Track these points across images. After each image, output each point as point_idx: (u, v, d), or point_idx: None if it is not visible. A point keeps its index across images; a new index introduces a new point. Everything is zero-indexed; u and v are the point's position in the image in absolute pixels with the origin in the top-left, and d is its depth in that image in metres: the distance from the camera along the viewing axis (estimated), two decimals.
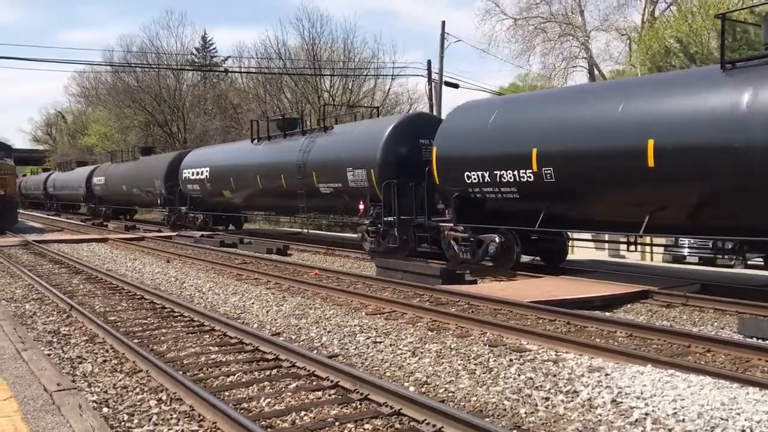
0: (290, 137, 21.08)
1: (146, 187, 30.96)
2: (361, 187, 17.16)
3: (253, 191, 22.80)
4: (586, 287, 11.48)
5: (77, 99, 72.64)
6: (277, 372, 6.84)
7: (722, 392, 5.85)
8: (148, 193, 31.05)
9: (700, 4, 27.29)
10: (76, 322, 9.50)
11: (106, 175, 37.07)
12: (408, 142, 16.65)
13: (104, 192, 37.67)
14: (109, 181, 36.47)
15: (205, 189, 25.76)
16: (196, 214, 27.29)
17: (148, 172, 31.13)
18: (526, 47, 39.35)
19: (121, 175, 34.73)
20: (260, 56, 46.99)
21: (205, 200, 26.51)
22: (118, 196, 35.76)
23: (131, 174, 33.20)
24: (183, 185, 27.30)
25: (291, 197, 20.01)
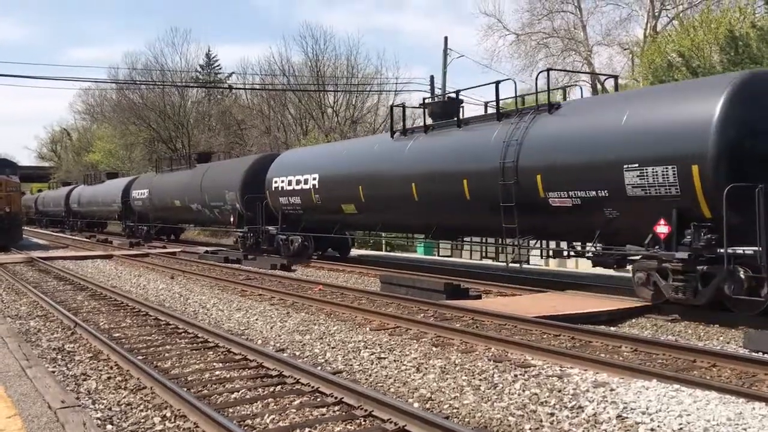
0: (473, 125, 14.99)
1: (213, 202, 25.33)
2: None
3: (402, 204, 16.07)
4: (591, 302, 11.46)
5: (82, 116, 73.26)
6: (281, 388, 6.83)
7: (728, 407, 5.82)
8: (215, 208, 25.42)
9: (702, 18, 27.35)
10: (80, 339, 9.51)
11: (151, 188, 31.87)
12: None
13: (148, 208, 32.49)
14: (154, 195, 31.26)
15: (310, 202, 19.76)
16: (291, 236, 21.01)
17: (213, 183, 25.55)
18: (529, 62, 39.41)
19: (171, 187, 29.62)
20: (264, 73, 47.30)
21: (311, 217, 20.48)
22: (167, 212, 30.80)
23: (186, 185, 27.97)
24: (273, 197, 21.48)
25: (482, 210, 13.88)
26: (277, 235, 21.52)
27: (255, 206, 22.31)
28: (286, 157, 22.75)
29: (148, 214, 33.26)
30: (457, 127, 15.36)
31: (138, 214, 34.16)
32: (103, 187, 41.28)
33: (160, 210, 31.48)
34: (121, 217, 36.59)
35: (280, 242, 21.45)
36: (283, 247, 21.27)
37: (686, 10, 33.78)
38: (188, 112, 51.44)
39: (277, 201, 21.23)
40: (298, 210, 20.60)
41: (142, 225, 34.18)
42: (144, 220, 33.93)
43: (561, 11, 38.69)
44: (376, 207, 17.41)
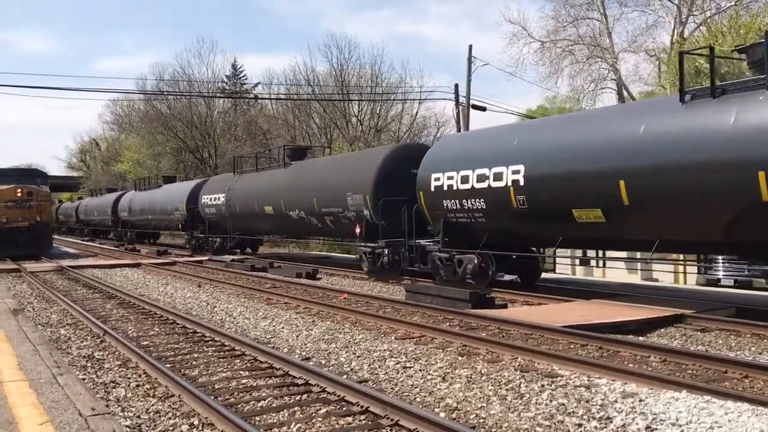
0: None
1: (325, 208, 20.08)
2: None
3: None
4: (619, 311, 11.33)
5: (111, 126, 74.29)
6: (308, 397, 6.85)
7: (761, 419, 5.72)
8: (327, 216, 20.23)
9: (731, 24, 27.06)
10: (109, 347, 9.63)
11: (229, 192, 26.82)
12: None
13: (224, 216, 27.58)
14: (234, 201, 26.41)
15: (504, 207, 13.82)
16: (461, 254, 15.13)
17: (324, 184, 20.49)
18: (554, 69, 39.23)
19: (259, 190, 24.72)
20: (289, 83, 47.63)
21: (500, 226, 14.38)
22: (252, 221, 26.10)
23: (282, 188, 22.81)
24: (430, 201, 15.72)
25: None
26: (436, 253, 15.70)
27: (395, 213, 17.03)
28: (452, 144, 16.88)
29: (223, 224, 28.22)
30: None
31: (209, 223, 29.28)
32: (161, 192, 35.57)
33: (242, 218, 26.33)
34: (185, 227, 31.58)
35: (439, 262, 15.72)
36: (444, 269, 15.58)
37: (714, 15, 33.40)
38: (215, 122, 51.97)
39: (438, 205, 15.39)
40: (476, 218, 14.59)
41: (213, 236, 29.05)
42: (217, 230, 28.89)
43: (586, 18, 38.47)
44: (659, 210, 11.16)
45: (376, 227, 17.99)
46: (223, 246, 28.39)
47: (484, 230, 14.66)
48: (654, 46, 37.25)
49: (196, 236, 30.69)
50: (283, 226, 24.67)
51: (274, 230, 27.05)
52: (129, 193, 41.74)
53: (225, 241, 28.50)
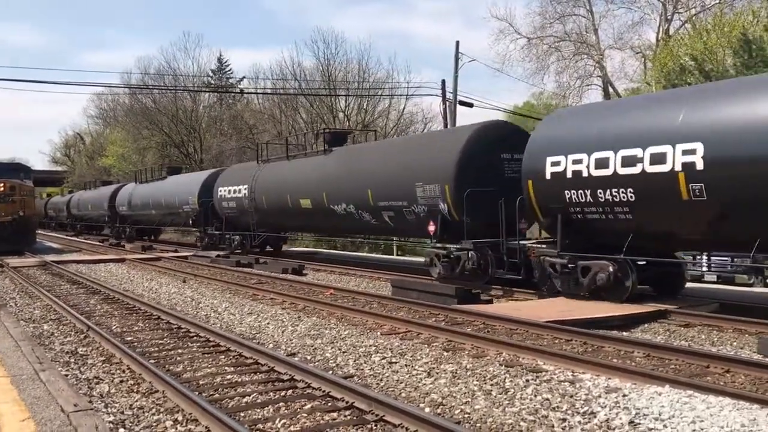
0: None
1: (384, 201, 16.85)
2: None
3: None
4: (603, 307, 11.38)
5: (95, 120, 73.79)
6: (293, 393, 6.84)
7: (742, 414, 5.77)
8: (385, 211, 16.98)
9: (715, 22, 27.24)
10: (93, 343, 9.57)
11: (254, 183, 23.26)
12: None
13: (246, 211, 23.98)
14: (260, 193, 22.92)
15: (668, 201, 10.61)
16: (591, 262, 11.90)
17: (383, 172, 17.14)
18: (541, 66, 39.36)
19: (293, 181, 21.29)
20: (276, 77, 47.49)
21: (663, 227, 11.13)
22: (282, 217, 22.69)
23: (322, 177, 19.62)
24: (544, 189, 12.48)
25: None
26: (550, 258, 12.54)
27: (481, 207, 14.15)
28: (574, 119, 13.15)
29: (244, 220, 24.58)
30: None
31: (226, 218, 25.68)
32: (166, 184, 32.08)
33: (270, 214, 22.84)
34: (196, 223, 28.19)
35: (551, 269, 12.51)
36: (560, 278, 12.38)
37: (699, 13, 33.64)
38: (200, 117, 51.70)
39: (557, 197, 12.21)
40: (615, 213, 11.44)
41: (231, 233, 25.52)
42: (236, 226, 25.43)
43: (573, 15, 38.61)
44: None
45: (457, 225, 14.73)
46: (243, 244, 24.99)
47: (626, 229, 11.35)
48: (640, 43, 37.49)
49: (211, 233, 27.01)
50: (324, 223, 20.82)
51: (312, 227, 23.50)
52: (128, 186, 38.41)
53: (245, 239, 24.91)
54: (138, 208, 34.87)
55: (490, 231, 14.00)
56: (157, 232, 38.55)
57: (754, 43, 19.35)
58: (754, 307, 11.06)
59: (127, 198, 36.44)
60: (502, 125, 16.49)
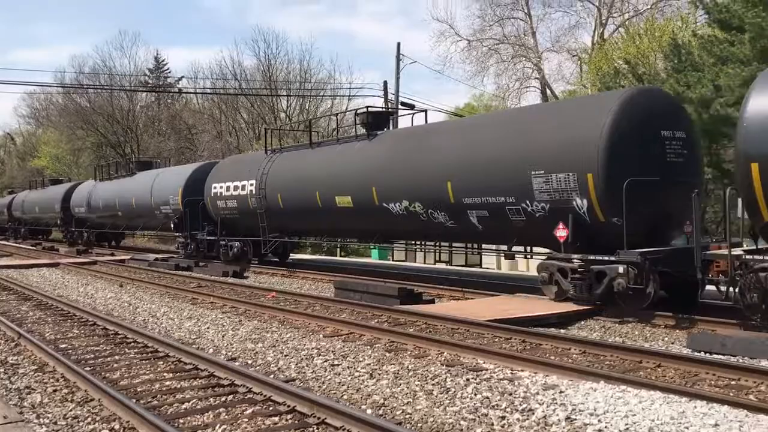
0: None
1: (496, 197, 12.56)
2: None
3: None
4: (542, 305, 11.64)
5: (27, 120, 71.29)
6: (233, 398, 6.76)
7: (671, 407, 5.99)
8: (484, 209, 12.94)
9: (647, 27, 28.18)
10: (24, 351, 9.24)
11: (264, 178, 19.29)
12: None
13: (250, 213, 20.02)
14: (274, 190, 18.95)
15: None
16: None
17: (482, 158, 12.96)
18: (480, 68, 40.03)
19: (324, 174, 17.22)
20: (215, 77, 46.84)
21: None
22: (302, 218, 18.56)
23: (367, 167, 15.85)
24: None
25: None
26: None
27: (641, 201, 10.76)
28: None
29: (248, 223, 20.36)
30: None
31: (221, 221, 21.56)
32: (137, 182, 27.91)
33: (289, 215, 18.75)
34: (179, 227, 23.82)
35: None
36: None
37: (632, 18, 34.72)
38: (137, 117, 50.54)
39: None
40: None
41: (229, 239, 21.39)
42: (235, 231, 21.37)
43: (511, 18, 39.37)
44: None
45: (599, 227, 11.15)
46: (244, 252, 20.95)
47: None
48: (576, 46, 38.50)
49: (201, 239, 22.61)
50: (371, 225, 16.21)
51: (351, 230, 18.45)
52: (86, 184, 34.23)
53: (247, 246, 20.90)
54: (99, 210, 30.82)
55: (647, 236, 10.96)
56: (120, 237, 34.54)
57: (683, 48, 20.05)
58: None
59: (85, 198, 32.16)
60: (657, 93, 12.45)
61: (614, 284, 10.62)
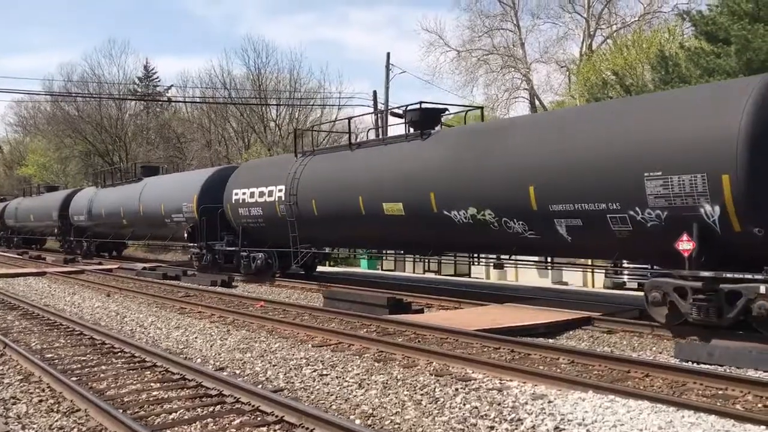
0: None
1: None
2: None
3: None
4: (530, 314, 11.67)
5: (14, 128, 70.82)
6: (221, 408, 6.72)
7: (659, 416, 6.01)
8: (616, 217, 10.75)
9: (634, 38, 28.40)
10: (10, 361, 9.16)
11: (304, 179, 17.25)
12: None
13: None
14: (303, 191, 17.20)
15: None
16: None
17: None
18: (470, 78, 40.22)
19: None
20: (205, 86, 46.77)
21: None
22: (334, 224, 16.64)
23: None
24: None
25: None
26: None
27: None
28: None
29: (276, 232, 18.45)
30: None
31: (244, 230, 19.76)
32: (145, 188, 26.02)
33: (325, 224, 16.82)
34: (193, 237, 22.03)
35: None
36: None
37: (620, 29, 35.04)
38: (126, 125, 50.34)
39: None
40: None
41: (252, 250, 19.58)
42: (259, 241, 19.54)
43: (500, 29, 39.62)
44: None
45: (734, 239, 9.52)
46: (269, 264, 19.25)
47: None
48: (564, 57, 38.78)
49: (220, 249, 20.84)
50: (427, 235, 14.33)
51: (398, 241, 16.49)
52: (86, 191, 32.67)
53: (271, 258, 19.15)
54: (102, 219, 29.05)
55: None
56: (122, 247, 32.74)
57: (670, 60, 20.25)
58: None
59: (86, 206, 30.37)
60: None
61: (753, 307, 9.02)
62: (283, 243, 18.19)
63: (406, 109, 15.77)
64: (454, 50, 40.47)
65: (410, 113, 15.44)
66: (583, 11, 37.18)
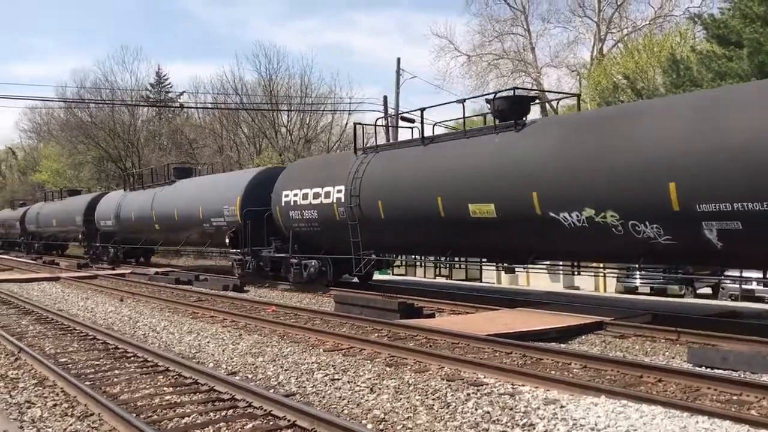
0: None
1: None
2: None
3: None
4: (542, 319, 11.63)
5: (28, 135, 71.51)
6: (233, 412, 6.75)
7: (673, 421, 5.98)
8: None
9: (645, 42, 28.34)
10: (24, 365, 9.23)
11: (369, 179, 15.73)
12: None
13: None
14: (369, 190, 15.69)
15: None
16: None
17: None
18: (480, 83, 40.21)
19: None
20: (216, 91, 47.02)
21: None
22: (404, 228, 15.07)
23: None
24: None
25: None
26: None
27: None
28: None
29: (334, 236, 17.02)
30: None
31: (294, 235, 18.33)
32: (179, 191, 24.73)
33: (394, 228, 15.24)
34: (235, 242, 20.56)
35: None
36: None
37: (630, 33, 34.94)
38: (138, 131, 50.70)
39: None
40: None
41: (305, 257, 18.11)
42: (315, 247, 17.97)
43: (511, 33, 39.62)
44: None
45: None
46: (323, 272, 17.71)
47: None
48: (575, 62, 38.71)
49: (267, 256, 19.30)
50: (527, 242, 12.76)
51: (488, 249, 14.34)
52: (113, 195, 31.46)
53: (325, 265, 17.63)
54: (130, 223, 27.68)
55: None
56: (150, 253, 31.61)
57: (681, 63, 20.17)
58: (685, 318, 11.47)
59: (113, 210, 29.10)
60: None
61: None
62: (340, 249, 16.76)
63: (495, 97, 13.93)
64: (465, 55, 40.53)
65: (498, 101, 13.59)
66: (593, 15, 37.11)
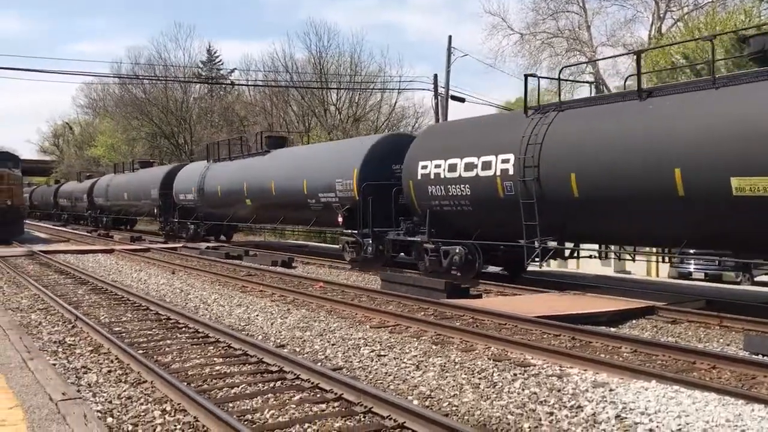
0: None
1: None
2: None
3: None
4: (592, 302, 11.46)
5: (85, 110, 73.36)
6: (281, 384, 6.84)
7: (727, 409, 5.83)
8: None
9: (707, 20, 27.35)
10: (81, 333, 9.53)
11: (552, 145, 12.40)
12: None
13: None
14: (557, 161, 12.30)
15: None
16: None
17: None
18: (533, 62, 39.38)
19: None
20: (267, 69, 47.35)
21: None
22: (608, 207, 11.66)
23: None
24: None
25: None
26: None
27: None
28: None
29: (488, 219, 14.20)
30: None
31: (432, 216, 15.17)
32: (273, 161, 22.19)
33: (591, 207, 11.96)
34: (349, 223, 17.92)
35: None
36: None
37: (691, 11, 33.76)
38: (191, 108, 51.50)
39: None
40: None
41: (445, 242, 14.96)
42: (459, 230, 14.87)
43: (566, 11, 38.66)
44: None
45: None
46: (470, 262, 14.59)
47: None
48: (632, 41, 37.58)
49: (398, 239, 16.45)
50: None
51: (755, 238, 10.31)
52: (195, 165, 28.86)
53: (473, 254, 14.51)
54: (216, 198, 24.95)
55: None
56: (232, 231, 28.21)
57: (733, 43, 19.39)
58: (741, 305, 11.16)
59: (196, 182, 26.46)
60: None
61: None
62: (498, 234, 14.05)
63: (752, 35, 11.12)
64: (518, 33, 39.75)
65: (756, 40, 10.63)
66: None
